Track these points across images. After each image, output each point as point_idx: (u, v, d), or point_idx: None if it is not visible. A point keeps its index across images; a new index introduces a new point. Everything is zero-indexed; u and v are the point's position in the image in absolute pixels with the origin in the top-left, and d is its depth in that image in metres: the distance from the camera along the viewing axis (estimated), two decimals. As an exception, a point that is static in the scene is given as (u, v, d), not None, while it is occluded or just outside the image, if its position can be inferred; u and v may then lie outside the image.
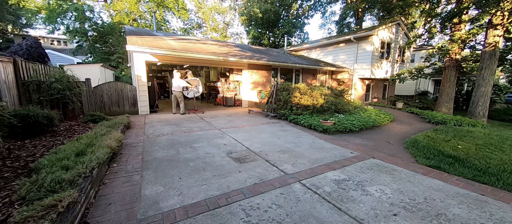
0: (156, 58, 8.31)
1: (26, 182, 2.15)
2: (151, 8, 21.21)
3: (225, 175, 2.96)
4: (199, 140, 4.68)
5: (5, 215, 1.80)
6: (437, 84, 18.64)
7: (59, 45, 28.07)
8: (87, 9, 17.86)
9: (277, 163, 3.43)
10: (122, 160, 3.44)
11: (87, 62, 18.24)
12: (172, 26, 25.46)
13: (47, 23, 17.05)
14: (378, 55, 12.82)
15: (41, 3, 16.91)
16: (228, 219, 2.02)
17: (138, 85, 7.93)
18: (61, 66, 11.50)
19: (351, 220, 2.03)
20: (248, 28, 26.47)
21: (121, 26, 17.63)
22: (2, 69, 4.69)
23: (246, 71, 10.72)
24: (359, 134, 5.80)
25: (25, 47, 7.26)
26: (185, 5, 23.46)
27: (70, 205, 1.84)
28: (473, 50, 11.72)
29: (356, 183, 2.77)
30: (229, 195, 2.44)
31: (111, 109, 7.67)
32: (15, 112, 3.96)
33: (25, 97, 5.30)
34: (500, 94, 15.17)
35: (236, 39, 32.02)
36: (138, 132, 5.34)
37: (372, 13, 24.13)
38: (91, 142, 3.48)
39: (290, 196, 2.43)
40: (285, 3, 25.70)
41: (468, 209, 2.26)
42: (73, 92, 6.12)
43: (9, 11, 19.17)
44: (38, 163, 2.64)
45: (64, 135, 4.49)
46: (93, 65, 13.48)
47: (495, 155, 3.95)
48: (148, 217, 2.03)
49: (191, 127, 6.01)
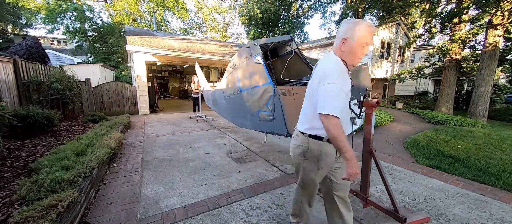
0: (156, 58, 8.32)
1: (26, 182, 2.15)
2: (151, 8, 21.20)
3: (225, 175, 2.96)
4: (199, 140, 4.68)
5: (5, 215, 1.80)
6: (437, 84, 18.63)
7: (59, 45, 28.06)
8: (87, 9, 17.86)
9: (277, 163, 3.43)
10: (122, 160, 3.44)
11: (87, 62, 18.23)
12: (172, 26, 25.46)
13: (46, 22, 17.05)
14: (378, 55, 12.83)
15: (41, 3, 16.89)
16: (228, 219, 2.02)
17: (138, 85, 7.94)
18: (61, 66, 11.49)
19: (351, 220, 2.03)
20: (248, 28, 26.46)
21: (121, 26, 17.62)
22: (2, 69, 4.68)
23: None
24: (359, 133, 5.79)
25: (25, 47, 7.26)
26: (185, 5, 23.46)
27: (70, 205, 1.84)
28: (473, 50, 11.71)
29: (356, 183, 2.77)
30: (229, 195, 2.44)
31: (111, 109, 7.68)
32: (15, 112, 3.96)
33: (25, 97, 5.29)
34: (500, 94, 15.17)
35: (236, 39, 32.02)
36: (138, 132, 5.34)
37: (372, 13, 24.10)
38: (91, 142, 3.48)
39: (290, 196, 2.43)
40: (285, 3, 25.68)
41: (468, 209, 2.26)
42: (73, 92, 6.13)
43: (9, 11, 19.17)
44: (38, 163, 2.64)
45: (64, 135, 4.49)
46: (93, 65, 13.48)
47: (495, 155, 3.95)
48: (148, 217, 2.03)
49: (191, 127, 6.01)
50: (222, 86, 4.16)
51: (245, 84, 3.26)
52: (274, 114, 2.86)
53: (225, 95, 4.12)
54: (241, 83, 3.35)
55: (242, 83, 3.34)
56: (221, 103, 4.55)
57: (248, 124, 3.69)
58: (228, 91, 3.93)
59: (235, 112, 4.03)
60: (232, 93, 3.77)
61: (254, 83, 3.03)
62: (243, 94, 3.37)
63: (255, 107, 3.17)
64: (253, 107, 3.21)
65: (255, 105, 3.14)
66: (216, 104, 5.03)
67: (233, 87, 3.69)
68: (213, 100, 5.19)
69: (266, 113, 2.99)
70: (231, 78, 3.70)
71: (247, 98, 3.30)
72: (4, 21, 19.75)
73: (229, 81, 3.81)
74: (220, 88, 4.38)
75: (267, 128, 3.18)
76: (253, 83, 3.05)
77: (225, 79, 3.96)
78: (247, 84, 3.21)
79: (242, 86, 3.34)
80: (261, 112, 3.07)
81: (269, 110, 2.89)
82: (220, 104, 4.68)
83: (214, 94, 4.95)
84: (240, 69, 3.34)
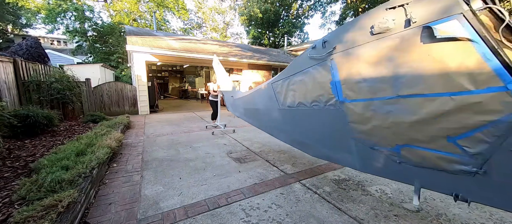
0: (156, 58, 8.32)
1: (26, 182, 2.15)
2: (151, 8, 21.19)
3: (225, 175, 2.96)
4: (199, 140, 4.68)
5: (5, 215, 1.80)
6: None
7: (59, 45, 28.05)
8: (87, 9, 17.85)
9: (277, 163, 3.43)
10: (122, 160, 3.44)
11: (87, 62, 18.23)
12: (172, 26, 25.46)
13: (46, 22, 17.04)
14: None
15: (41, 3, 16.88)
16: (228, 219, 2.02)
17: (138, 85, 7.94)
18: (61, 66, 11.51)
19: (351, 220, 2.03)
20: (248, 28, 26.47)
21: (121, 26, 17.61)
22: (2, 69, 4.68)
23: (246, 71, 10.73)
24: None
25: (25, 47, 7.26)
26: (185, 5, 23.45)
27: (70, 205, 1.84)
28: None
29: (356, 183, 2.77)
30: (229, 195, 2.44)
31: (111, 109, 7.67)
32: (15, 112, 3.96)
33: (25, 97, 5.30)
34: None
35: (236, 39, 32.03)
36: (138, 132, 5.34)
37: (372, 13, 24.10)
38: (91, 142, 3.48)
39: (290, 196, 2.43)
40: (285, 3, 25.68)
41: (468, 209, 2.26)
42: (73, 92, 6.13)
43: (9, 11, 19.18)
44: (38, 163, 2.64)
45: (64, 135, 4.49)
46: (93, 65, 13.49)
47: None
48: (148, 217, 2.03)
49: (191, 127, 6.01)
50: (278, 90, 2.62)
51: (376, 87, 1.56)
52: (485, 162, 1.24)
53: (285, 103, 2.56)
54: (357, 88, 1.68)
55: (362, 87, 1.64)
56: (268, 115, 3.09)
57: (351, 160, 2.01)
58: (299, 97, 2.29)
59: (312, 133, 2.40)
60: (315, 101, 2.09)
61: (432, 86, 1.30)
62: (360, 106, 1.70)
63: (417, 135, 1.46)
64: (405, 135, 1.52)
65: (420, 133, 1.44)
66: (255, 115, 3.65)
67: (315, 92, 2.05)
68: (246, 108, 3.84)
69: (456, 157, 1.34)
70: (310, 77, 2.07)
71: (375, 115, 1.62)
72: (4, 21, 19.76)
73: (301, 81, 2.20)
74: (268, 92, 2.86)
75: (449, 188, 1.46)
76: (431, 85, 1.30)
77: (289, 78, 2.39)
78: (389, 87, 1.49)
79: (359, 92, 1.67)
80: (439, 153, 1.40)
81: (471, 150, 1.26)
82: (265, 115, 3.25)
83: (251, 99, 3.56)
84: (358, 54, 1.61)
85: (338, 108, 1.87)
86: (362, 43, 1.57)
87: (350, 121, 1.82)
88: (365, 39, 1.54)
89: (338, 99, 1.83)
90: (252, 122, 3.97)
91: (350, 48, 1.64)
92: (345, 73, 1.72)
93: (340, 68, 1.74)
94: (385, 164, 1.73)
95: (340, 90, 1.80)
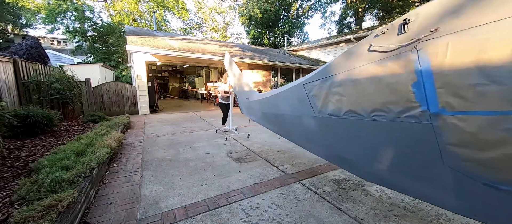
0: (156, 58, 8.32)
1: (26, 182, 2.15)
2: (151, 8, 21.20)
3: (225, 175, 2.96)
4: (199, 140, 4.68)
5: (5, 215, 1.80)
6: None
7: (59, 45, 28.07)
8: (87, 9, 17.84)
9: (277, 163, 3.43)
10: (122, 160, 3.44)
11: (87, 62, 18.23)
12: (172, 26, 25.45)
13: (46, 22, 17.05)
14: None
15: (41, 3, 16.89)
16: (228, 219, 2.02)
17: (138, 85, 7.94)
18: (61, 66, 11.52)
19: (351, 220, 2.03)
20: (248, 28, 26.49)
21: (121, 26, 17.62)
22: (2, 69, 4.69)
23: (246, 71, 10.73)
24: None
25: (25, 47, 7.26)
26: (185, 5, 23.45)
27: (70, 205, 1.84)
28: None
29: (356, 183, 2.77)
30: (229, 195, 2.44)
31: (111, 109, 7.67)
32: (15, 112, 3.96)
33: (25, 97, 5.30)
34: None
35: (236, 39, 32.03)
36: (138, 132, 5.34)
37: (372, 13, 24.16)
38: (91, 142, 3.49)
39: (290, 196, 2.43)
40: (285, 3, 25.70)
41: (468, 209, 2.26)
42: (73, 92, 6.13)
43: (9, 11, 19.19)
44: (38, 163, 2.64)
45: (64, 135, 4.49)
46: (93, 65, 13.50)
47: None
48: (148, 217, 2.03)
49: (191, 127, 6.01)
50: (314, 92, 1.94)
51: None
52: None
53: (325, 110, 1.87)
54: (474, 94, 0.96)
55: (487, 92, 0.92)
56: (298, 123, 2.42)
57: (441, 196, 1.35)
58: (348, 103, 1.64)
59: (370, 152, 1.68)
60: (379, 111, 1.41)
61: None
62: (476, 122, 0.99)
63: None
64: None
65: None
66: (277, 121, 3.03)
67: (380, 97, 1.39)
68: (265, 112, 3.27)
69: None
70: (370, 77, 1.41)
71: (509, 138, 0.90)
72: (4, 21, 19.76)
73: (354, 82, 1.57)
74: (298, 95, 2.16)
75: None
76: None
77: (330, 78, 1.79)
78: None
79: (476, 101, 0.96)
80: None
81: None
82: (292, 123, 2.60)
83: (272, 102, 2.95)
84: (485, 38, 0.89)
85: (424, 122, 1.21)
86: (497, 19, 0.86)
87: (449, 143, 1.15)
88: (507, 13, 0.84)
89: (428, 109, 1.17)
90: (272, 129, 3.40)
91: (467, 28, 0.95)
92: (448, 69, 1.04)
93: (437, 62, 1.07)
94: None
95: (434, 96, 1.13)
